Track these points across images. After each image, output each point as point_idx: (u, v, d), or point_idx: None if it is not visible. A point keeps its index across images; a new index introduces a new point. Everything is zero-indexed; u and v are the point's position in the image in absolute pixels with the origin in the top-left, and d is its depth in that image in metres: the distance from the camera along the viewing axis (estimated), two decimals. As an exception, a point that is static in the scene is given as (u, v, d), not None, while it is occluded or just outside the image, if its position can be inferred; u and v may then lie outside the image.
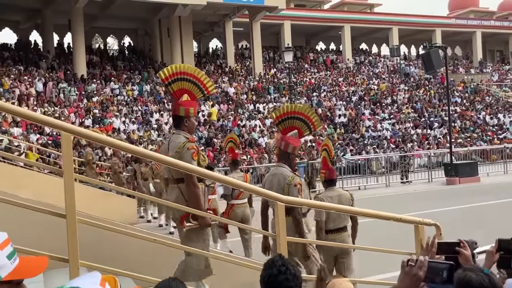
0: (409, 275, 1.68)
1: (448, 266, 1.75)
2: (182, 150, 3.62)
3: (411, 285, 1.68)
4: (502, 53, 45.27)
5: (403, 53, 39.80)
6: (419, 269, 1.67)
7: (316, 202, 3.78)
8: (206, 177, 3.43)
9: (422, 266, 1.68)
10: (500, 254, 2.61)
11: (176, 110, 3.92)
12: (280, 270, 1.93)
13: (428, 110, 28.73)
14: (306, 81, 30.12)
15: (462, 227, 8.49)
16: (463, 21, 39.77)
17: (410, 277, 1.68)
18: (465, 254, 2.28)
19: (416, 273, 1.67)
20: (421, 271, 1.67)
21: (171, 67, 3.88)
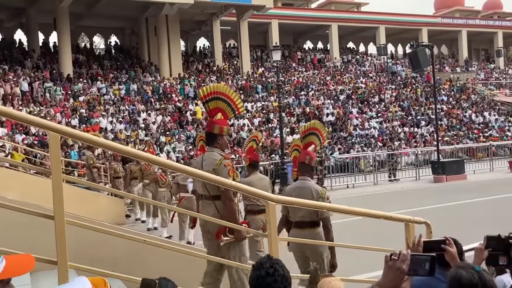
0: (392, 269, 1.69)
1: (430, 258, 1.77)
2: (219, 167, 3.77)
3: (395, 278, 1.68)
4: (487, 52, 45.81)
5: (390, 52, 40.06)
6: (402, 263, 1.68)
7: (310, 202, 3.77)
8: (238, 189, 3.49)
9: (405, 259, 1.68)
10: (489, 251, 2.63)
11: (210, 127, 4.10)
12: (268, 272, 1.88)
13: (415, 109, 28.95)
14: (294, 80, 30.16)
15: (449, 225, 8.56)
16: (449, 20, 40.14)
17: (393, 271, 1.68)
18: (451, 252, 2.31)
19: (400, 266, 1.68)
20: (404, 264, 1.68)
21: (209, 86, 4.16)
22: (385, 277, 1.70)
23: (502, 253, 2.60)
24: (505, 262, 2.65)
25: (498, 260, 2.62)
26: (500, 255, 2.61)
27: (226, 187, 3.36)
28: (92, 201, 9.46)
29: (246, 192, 3.21)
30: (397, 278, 1.69)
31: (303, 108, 26.28)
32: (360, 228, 9.42)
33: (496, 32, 41.50)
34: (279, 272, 1.89)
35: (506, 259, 2.62)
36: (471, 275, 1.88)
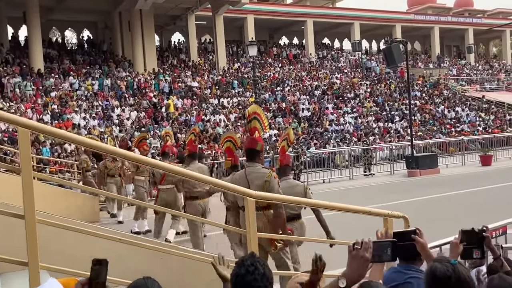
0: (356, 258, 1.70)
1: (391, 243, 1.82)
2: (271, 179, 4.17)
3: (360, 267, 1.70)
4: (459, 48, 46.73)
5: (364, 48, 40.44)
6: (365, 251, 1.69)
7: (286, 197, 3.74)
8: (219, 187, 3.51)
9: (368, 247, 1.70)
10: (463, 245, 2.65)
11: (253, 144, 4.49)
12: (248, 270, 1.83)
13: (389, 104, 29.32)
14: (270, 75, 30.16)
15: (424, 218, 8.68)
16: (422, 17, 40.76)
17: (357, 260, 1.70)
18: (420, 242, 2.32)
19: (363, 254, 1.69)
20: (367, 253, 1.69)
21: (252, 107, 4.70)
22: (350, 267, 1.71)
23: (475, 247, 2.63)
24: (478, 255, 2.68)
25: (472, 253, 2.65)
26: (474, 249, 2.64)
27: (209, 183, 3.28)
28: (64, 198, 9.27)
29: (226, 188, 3.15)
30: (361, 267, 1.70)
31: (279, 103, 26.31)
32: (337, 222, 9.49)
33: (467, 29, 42.34)
34: (259, 271, 1.83)
35: (479, 252, 2.65)
36: (446, 268, 1.91)
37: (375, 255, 1.76)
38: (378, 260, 1.81)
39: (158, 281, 1.89)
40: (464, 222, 5.63)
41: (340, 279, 1.71)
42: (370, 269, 2.30)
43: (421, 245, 2.33)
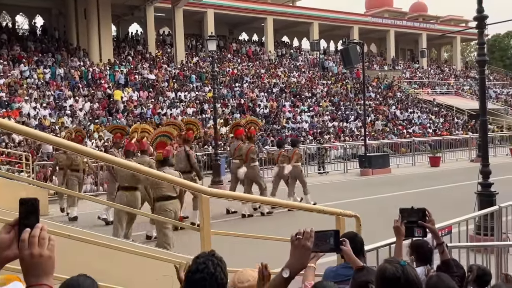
0: (298, 247, 1.73)
1: (334, 233, 1.86)
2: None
3: (301, 256, 1.73)
4: (412, 52, 48.24)
5: (322, 48, 41.01)
6: (306, 240, 1.72)
7: (239, 194, 3.72)
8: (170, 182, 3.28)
9: (309, 236, 1.73)
10: (404, 223, 2.74)
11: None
12: (198, 268, 1.79)
13: (345, 104, 29.88)
14: (229, 71, 30.07)
15: (375, 216, 8.91)
16: (379, 20, 41.76)
17: (299, 249, 1.73)
18: (345, 251, 2.42)
19: (304, 244, 1.72)
20: (308, 242, 1.72)
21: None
22: (293, 257, 1.74)
23: (416, 225, 2.73)
24: (420, 234, 2.78)
25: (414, 231, 2.75)
26: (415, 227, 2.73)
27: (158, 178, 3.23)
28: (12, 190, 8.88)
29: (177, 184, 3.09)
30: (303, 256, 1.73)
31: (238, 100, 26.27)
32: (289, 220, 9.60)
33: (421, 34, 43.76)
34: (209, 270, 1.78)
35: (421, 230, 2.74)
36: (395, 268, 1.95)
37: (318, 244, 1.80)
38: (322, 249, 1.86)
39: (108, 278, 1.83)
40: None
41: (284, 269, 1.74)
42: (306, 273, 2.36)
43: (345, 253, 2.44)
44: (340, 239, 2.40)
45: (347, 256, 2.47)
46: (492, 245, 5.28)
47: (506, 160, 20.44)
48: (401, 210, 2.80)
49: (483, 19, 7.92)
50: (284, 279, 1.74)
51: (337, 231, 1.93)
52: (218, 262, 1.82)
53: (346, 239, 2.47)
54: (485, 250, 5.09)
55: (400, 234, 2.69)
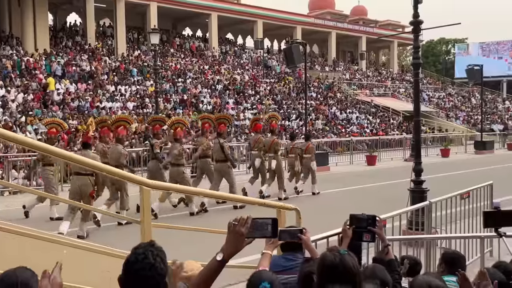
0: (233, 232, 1.84)
1: (271, 220, 1.94)
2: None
3: (236, 241, 1.83)
4: (352, 54, 49.75)
5: (266, 47, 41.35)
6: (241, 226, 1.83)
7: (179, 186, 3.69)
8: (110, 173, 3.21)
9: (244, 223, 1.84)
10: (353, 228, 2.87)
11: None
12: (137, 258, 1.76)
13: (287, 103, 30.31)
14: (172, 66, 29.63)
15: (315, 212, 9.13)
16: (321, 21, 42.66)
17: (234, 234, 1.83)
18: (304, 239, 2.60)
19: (239, 229, 1.83)
20: (243, 228, 1.83)
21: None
22: (228, 241, 1.84)
23: (365, 230, 2.86)
24: (369, 239, 2.91)
25: (362, 236, 2.88)
26: (364, 232, 2.86)
27: (96, 170, 3.13)
28: None
29: (121, 176, 3.01)
30: (237, 241, 1.83)
31: (181, 95, 25.95)
32: (233, 215, 9.62)
33: (361, 37, 45.21)
34: (149, 261, 1.75)
35: (370, 236, 2.88)
36: (334, 256, 2.03)
37: (256, 231, 1.90)
38: (260, 235, 1.94)
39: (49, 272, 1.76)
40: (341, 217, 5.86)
41: (218, 253, 1.83)
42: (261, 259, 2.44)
43: (305, 243, 2.61)
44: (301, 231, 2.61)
45: (306, 244, 2.62)
46: (422, 237, 5.56)
47: (437, 160, 21.58)
48: (351, 216, 2.92)
49: (419, 24, 8.31)
50: (218, 262, 1.82)
51: (275, 219, 2.00)
52: (157, 253, 1.80)
53: (305, 228, 2.61)
54: (415, 243, 5.36)
55: (347, 236, 2.80)
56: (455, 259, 3.49)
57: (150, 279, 1.74)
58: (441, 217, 6.31)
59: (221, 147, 10.71)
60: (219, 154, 10.78)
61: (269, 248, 2.59)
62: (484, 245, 5.20)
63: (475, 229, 6.81)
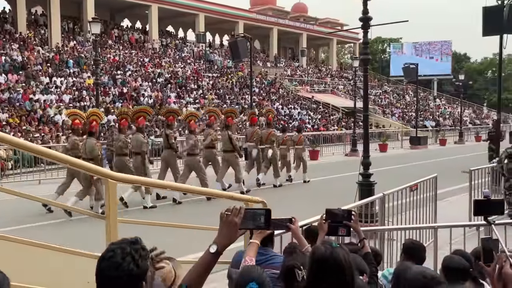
0: (226, 223, 1.77)
1: (265, 211, 1.88)
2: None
3: (229, 232, 1.76)
4: (293, 51, 50.42)
5: (208, 41, 40.94)
6: (234, 216, 1.77)
7: (143, 179, 3.46)
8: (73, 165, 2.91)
9: (238, 213, 1.78)
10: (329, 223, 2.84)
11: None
12: (104, 256, 1.59)
13: (230, 98, 30.17)
14: (110, 58, 28.58)
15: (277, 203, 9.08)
16: (263, 17, 42.83)
17: (227, 225, 1.77)
18: (293, 229, 2.60)
19: (232, 220, 1.76)
20: (236, 218, 1.77)
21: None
22: (220, 232, 1.78)
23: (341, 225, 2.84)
24: (344, 233, 2.89)
25: (338, 230, 2.86)
26: (339, 227, 2.84)
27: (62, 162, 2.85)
28: None
29: (85, 169, 2.73)
30: (231, 232, 1.76)
31: (120, 88, 25.08)
32: (195, 209, 9.42)
33: (302, 34, 45.90)
34: (116, 260, 1.56)
35: (345, 230, 2.85)
36: (324, 250, 1.99)
37: (249, 222, 1.83)
38: (253, 226, 1.88)
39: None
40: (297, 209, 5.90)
41: (211, 245, 1.75)
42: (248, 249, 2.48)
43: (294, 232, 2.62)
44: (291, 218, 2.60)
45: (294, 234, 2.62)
46: (375, 229, 5.63)
47: (376, 155, 22.28)
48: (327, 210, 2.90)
49: (368, 20, 8.45)
50: (211, 254, 1.74)
51: (269, 210, 1.92)
52: (131, 251, 1.59)
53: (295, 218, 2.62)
54: (370, 235, 5.41)
55: (323, 230, 2.79)
56: (415, 249, 3.55)
57: (115, 280, 1.55)
58: (392, 208, 6.45)
59: (230, 138, 11.86)
60: (227, 145, 11.98)
61: (257, 238, 2.56)
62: (437, 234, 5.34)
63: (422, 219, 7.05)
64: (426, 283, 2.05)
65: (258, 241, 2.56)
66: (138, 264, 1.59)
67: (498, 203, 2.39)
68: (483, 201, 2.38)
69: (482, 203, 2.38)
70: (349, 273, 1.93)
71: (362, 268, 2.53)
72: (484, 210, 2.39)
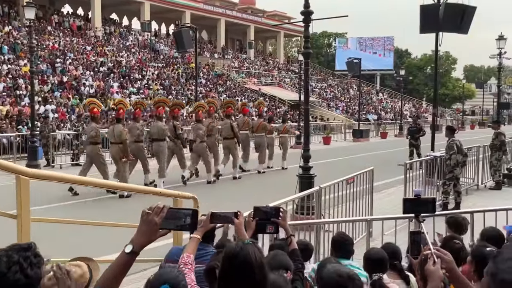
0: (146, 222, 1.70)
1: (191, 212, 1.82)
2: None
3: (148, 230, 1.70)
4: (241, 43, 50.30)
5: (154, 30, 40.06)
6: (155, 215, 1.70)
7: (60, 175, 3.30)
8: None
9: (159, 212, 1.70)
10: (257, 221, 2.84)
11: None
12: None
13: (176, 88, 29.70)
14: (49, 45, 27.34)
15: (217, 198, 9.01)
16: (210, 8, 42.39)
17: (146, 224, 1.70)
18: (236, 223, 2.58)
19: (152, 219, 1.69)
20: (157, 217, 1.69)
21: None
22: (139, 231, 1.71)
23: (269, 222, 2.84)
24: (272, 230, 2.90)
25: (266, 228, 2.86)
26: (267, 224, 2.84)
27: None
28: None
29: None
30: (150, 231, 1.69)
31: (60, 77, 24.06)
32: (126, 205, 9.15)
33: (249, 26, 45.85)
34: (0, 269, 1.43)
35: (273, 227, 2.86)
36: (234, 246, 1.99)
37: (171, 222, 1.75)
38: (174, 227, 1.79)
39: None
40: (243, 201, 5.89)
41: (127, 244, 1.67)
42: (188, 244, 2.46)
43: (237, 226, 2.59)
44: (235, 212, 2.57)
45: (237, 228, 2.57)
46: (310, 222, 5.71)
47: (320, 147, 22.73)
48: (255, 208, 2.90)
49: (309, 14, 8.52)
50: (126, 255, 1.66)
51: (196, 211, 1.84)
52: (19, 259, 1.45)
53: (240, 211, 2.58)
54: (307, 228, 5.49)
55: (250, 228, 2.81)
56: (342, 243, 3.61)
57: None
58: (329, 201, 6.56)
59: (231, 127, 13.05)
60: (228, 132, 13.10)
61: (198, 232, 2.50)
62: (369, 227, 5.49)
63: (358, 211, 7.23)
64: (340, 282, 2.07)
65: (199, 236, 2.51)
66: (26, 273, 1.44)
67: (428, 202, 2.42)
68: (413, 200, 2.40)
69: (412, 202, 2.40)
70: (258, 271, 1.91)
71: (285, 264, 2.54)
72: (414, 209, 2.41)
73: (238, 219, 2.61)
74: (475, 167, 11.70)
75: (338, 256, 3.53)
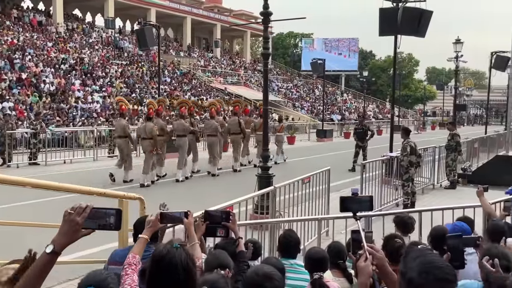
0: (67, 222, 1.69)
1: (115, 212, 1.83)
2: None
3: (69, 231, 1.68)
4: (207, 41, 50.07)
5: (118, 27, 39.41)
6: (77, 215, 1.69)
7: (7, 177, 3.23)
8: None
9: (81, 212, 1.69)
10: (207, 224, 2.88)
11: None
12: None
13: (140, 87, 29.31)
14: (8, 40, 26.50)
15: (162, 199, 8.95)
16: (176, 5, 42.01)
17: (68, 224, 1.69)
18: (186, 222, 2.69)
19: (74, 219, 1.68)
20: (79, 217, 1.69)
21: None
22: (60, 231, 1.69)
23: (219, 226, 2.89)
24: (223, 234, 2.94)
25: (216, 231, 2.90)
26: (218, 228, 2.89)
27: None
28: None
29: None
30: (71, 231, 1.68)
31: (18, 73, 23.35)
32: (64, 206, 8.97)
33: (216, 24, 45.69)
34: None
35: (224, 231, 2.90)
36: (162, 249, 2.05)
37: (93, 222, 1.74)
38: (96, 227, 1.78)
39: None
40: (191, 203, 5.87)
41: (48, 245, 1.65)
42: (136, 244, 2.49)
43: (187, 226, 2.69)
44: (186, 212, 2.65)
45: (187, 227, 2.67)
46: (266, 221, 5.77)
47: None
48: (206, 212, 2.93)
49: (268, 15, 8.58)
50: (47, 255, 1.63)
51: (119, 210, 1.85)
52: None
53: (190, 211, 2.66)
54: (261, 227, 5.54)
55: (199, 231, 2.86)
56: (286, 244, 3.65)
57: None
58: (285, 201, 6.64)
59: (239, 123, 14.32)
60: (236, 128, 14.37)
61: (147, 233, 2.52)
62: (321, 226, 5.59)
63: (315, 211, 7.33)
64: (256, 281, 2.14)
65: (147, 237, 2.53)
66: None
67: (365, 201, 2.45)
68: (349, 198, 2.44)
69: (348, 200, 2.43)
70: (183, 272, 1.95)
71: (223, 263, 2.57)
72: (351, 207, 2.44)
73: (187, 219, 2.64)
74: (431, 167, 12.06)
75: (283, 255, 3.59)
